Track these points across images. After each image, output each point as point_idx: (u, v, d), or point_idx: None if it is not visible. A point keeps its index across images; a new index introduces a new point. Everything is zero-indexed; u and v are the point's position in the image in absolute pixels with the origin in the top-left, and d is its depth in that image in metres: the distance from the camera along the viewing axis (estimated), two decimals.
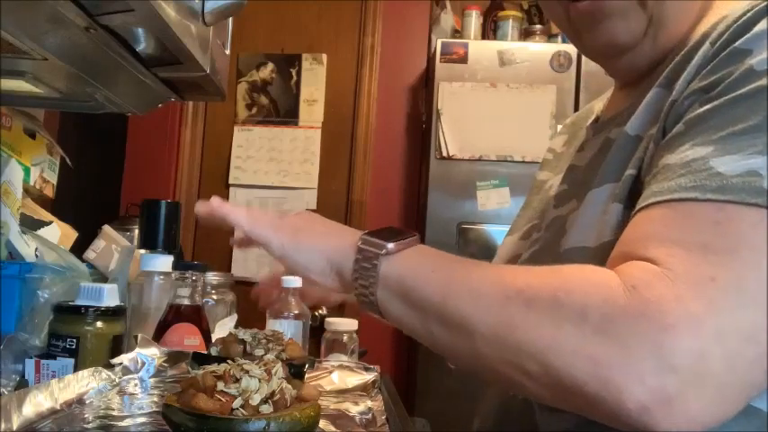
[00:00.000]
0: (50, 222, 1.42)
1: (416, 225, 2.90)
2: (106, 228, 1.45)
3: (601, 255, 0.56)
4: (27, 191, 1.40)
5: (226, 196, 3.08)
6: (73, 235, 1.51)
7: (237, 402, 0.55)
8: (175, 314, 0.99)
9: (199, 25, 0.94)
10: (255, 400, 0.55)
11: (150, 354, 0.91)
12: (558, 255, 0.62)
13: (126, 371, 0.88)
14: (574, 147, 0.79)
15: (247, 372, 0.58)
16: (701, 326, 0.45)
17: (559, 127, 0.94)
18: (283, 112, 3.10)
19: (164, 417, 0.59)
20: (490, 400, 0.72)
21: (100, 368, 0.82)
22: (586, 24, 0.65)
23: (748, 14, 0.55)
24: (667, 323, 0.45)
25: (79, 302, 0.91)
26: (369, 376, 0.95)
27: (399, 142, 3.02)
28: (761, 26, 0.53)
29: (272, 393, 0.58)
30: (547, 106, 2.58)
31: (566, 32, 0.70)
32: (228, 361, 0.62)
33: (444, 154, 2.59)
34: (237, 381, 0.57)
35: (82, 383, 0.77)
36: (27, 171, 1.47)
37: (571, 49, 2.64)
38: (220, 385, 0.56)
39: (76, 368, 0.86)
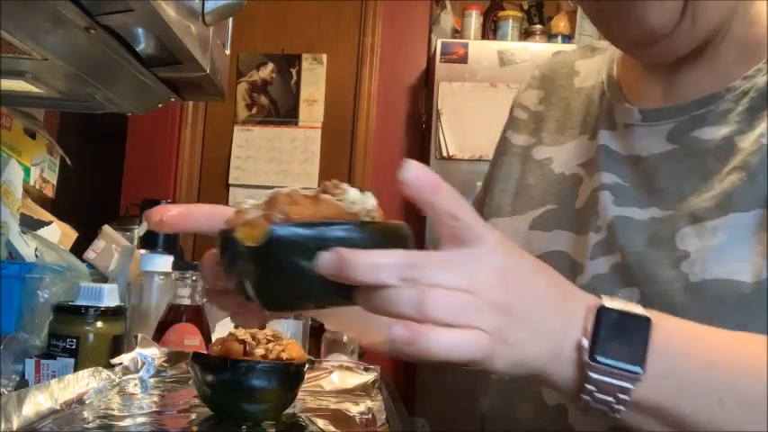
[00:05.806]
0: (50, 222, 1.42)
1: (416, 225, 2.89)
2: (106, 228, 1.45)
3: (759, 292, 0.50)
4: (27, 191, 1.40)
5: (226, 196, 3.08)
6: (73, 235, 1.51)
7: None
8: (175, 314, 0.99)
9: (199, 25, 0.94)
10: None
11: (150, 354, 0.91)
12: (685, 281, 0.54)
13: (126, 371, 0.88)
14: (576, 117, 0.72)
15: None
16: None
17: (526, 79, 0.84)
18: (283, 112, 3.10)
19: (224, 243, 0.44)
20: (523, 403, 0.67)
21: (100, 368, 0.82)
22: (616, 9, 0.58)
23: None
24: None
25: (79, 302, 0.91)
26: (369, 376, 0.95)
27: (399, 142, 3.02)
28: None
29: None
30: None
31: (596, 25, 0.64)
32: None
33: (444, 154, 2.59)
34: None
35: (82, 383, 0.77)
36: (27, 171, 1.47)
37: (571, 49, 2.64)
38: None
39: (76, 368, 0.86)
